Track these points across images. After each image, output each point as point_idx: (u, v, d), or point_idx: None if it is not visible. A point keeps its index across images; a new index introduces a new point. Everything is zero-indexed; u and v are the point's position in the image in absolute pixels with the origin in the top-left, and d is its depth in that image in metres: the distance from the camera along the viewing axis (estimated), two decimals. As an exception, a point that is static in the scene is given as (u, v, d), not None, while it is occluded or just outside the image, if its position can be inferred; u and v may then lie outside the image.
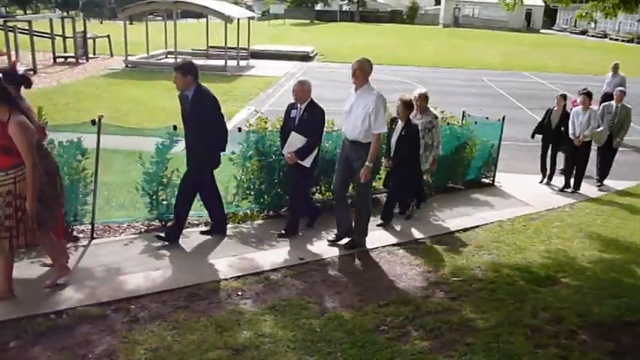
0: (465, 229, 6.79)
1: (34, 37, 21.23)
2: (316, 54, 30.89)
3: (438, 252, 6.01)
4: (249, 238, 6.04)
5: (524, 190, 8.87)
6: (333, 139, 6.90)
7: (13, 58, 19.87)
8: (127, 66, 22.74)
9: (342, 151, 5.94)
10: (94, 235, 5.73)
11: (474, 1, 67.48)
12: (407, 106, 6.70)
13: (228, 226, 6.23)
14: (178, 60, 22.23)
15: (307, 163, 5.97)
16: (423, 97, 7.16)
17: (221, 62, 23.01)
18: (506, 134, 9.25)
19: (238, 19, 24.57)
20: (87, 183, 5.67)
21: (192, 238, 5.89)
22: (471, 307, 4.68)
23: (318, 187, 7.11)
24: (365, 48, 34.28)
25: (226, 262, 5.36)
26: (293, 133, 5.93)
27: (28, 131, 4.14)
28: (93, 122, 5.64)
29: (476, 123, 8.80)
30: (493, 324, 4.39)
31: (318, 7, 76.89)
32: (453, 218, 7.21)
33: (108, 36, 26.58)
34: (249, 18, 27.16)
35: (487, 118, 9.36)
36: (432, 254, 5.93)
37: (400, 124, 6.72)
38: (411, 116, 6.83)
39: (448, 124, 8.32)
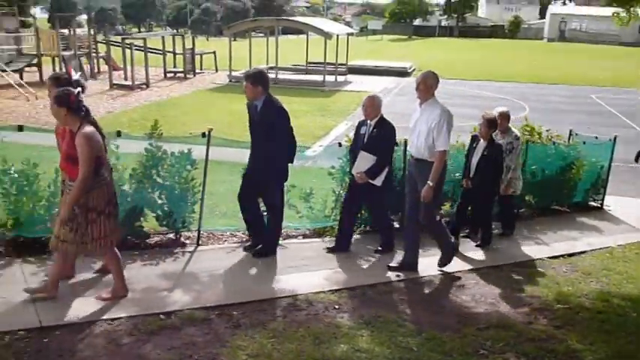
0: (571, 254, 6.46)
1: (148, 53, 22.71)
2: (414, 70, 30.71)
3: (542, 276, 5.76)
4: (345, 252, 6.09)
5: (636, 215, 8.30)
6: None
7: (124, 73, 21.38)
8: (230, 81, 23.76)
9: (409, 171, 5.74)
10: (200, 242, 6.02)
11: (581, 14, 64.48)
12: (490, 124, 6.33)
13: (325, 238, 6.33)
14: (280, 77, 23.11)
15: (378, 182, 5.78)
16: (505, 116, 6.72)
17: (319, 77, 23.48)
18: (617, 155, 8.73)
19: (337, 36, 24.98)
20: (195, 192, 5.98)
21: (290, 248, 6.03)
22: (578, 337, 4.45)
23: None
24: (464, 63, 33.65)
25: (323, 274, 5.45)
26: (362, 152, 5.76)
27: (92, 143, 4.19)
28: (203, 135, 5.94)
29: (584, 143, 8.37)
30: (602, 357, 4.15)
31: (417, 22, 76.50)
32: (558, 242, 6.89)
33: (214, 52, 27.96)
34: (348, 34, 27.51)
35: (596, 137, 8.88)
36: (535, 278, 5.69)
37: (482, 143, 6.36)
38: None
39: (554, 143, 7.99)
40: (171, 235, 6.01)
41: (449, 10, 75.43)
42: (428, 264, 5.79)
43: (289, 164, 5.78)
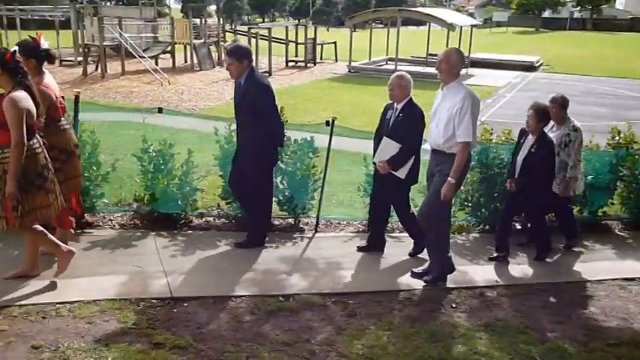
0: None
1: (272, 42, 23.42)
2: (541, 64, 29.11)
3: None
4: (463, 250, 5.91)
5: None
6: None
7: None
8: (349, 71, 23.92)
9: (429, 165, 5.08)
10: (317, 229, 6.13)
11: None
12: (540, 114, 5.44)
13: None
14: (398, 68, 22.87)
15: (402, 174, 5.19)
16: (559, 105, 5.81)
17: (439, 70, 22.94)
18: None
19: (461, 27, 24.26)
20: (315, 180, 6.08)
21: (406, 242, 5.96)
22: None
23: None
24: (596, 59, 31.38)
25: (440, 271, 5.32)
26: (385, 138, 5.19)
27: (17, 107, 3.90)
28: (327, 123, 6.02)
29: None
30: None
31: (546, 14, 72.36)
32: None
33: (334, 42, 28.25)
34: (472, 26, 26.62)
35: None
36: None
37: (531, 138, 5.54)
38: (546, 129, 5.61)
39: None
40: (291, 220, 6.16)
41: (583, 2, 70.52)
42: (554, 269, 5.47)
43: (277, 147, 5.45)
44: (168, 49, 23.64)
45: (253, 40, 22.37)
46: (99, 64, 20.90)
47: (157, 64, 21.74)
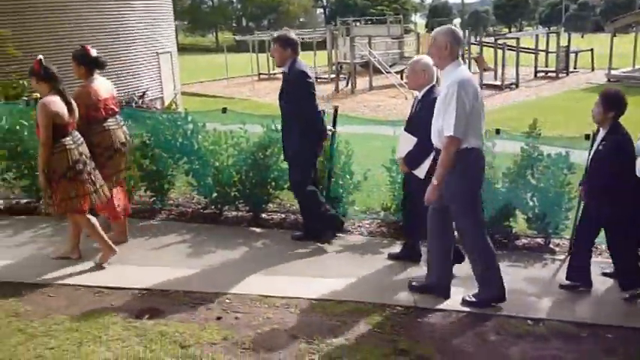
0: None
1: (520, 53, 22.40)
2: None
3: None
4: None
5: None
6: None
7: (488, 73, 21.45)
8: (608, 80, 21.66)
9: None
10: (571, 252, 5.63)
11: None
12: (609, 103, 4.35)
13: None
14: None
15: (420, 173, 4.58)
16: None
17: None
18: None
19: None
20: (571, 197, 5.60)
21: None
22: None
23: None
24: None
25: None
26: (403, 132, 4.71)
27: (44, 111, 4.48)
28: (587, 137, 5.50)
29: None
30: None
31: None
32: None
33: (591, 49, 25.87)
34: None
35: None
36: None
37: (601, 132, 4.48)
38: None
39: None
40: (540, 240, 5.78)
41: None
42: None
43: (315, 139, 5.25)
44: (413, 63, 24.19)
45: (500, 52, 21.68)
46: (349, 80, 22.39)
47: (402, 78, 22.45)
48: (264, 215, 6.17)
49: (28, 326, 3.97)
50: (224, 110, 6.23)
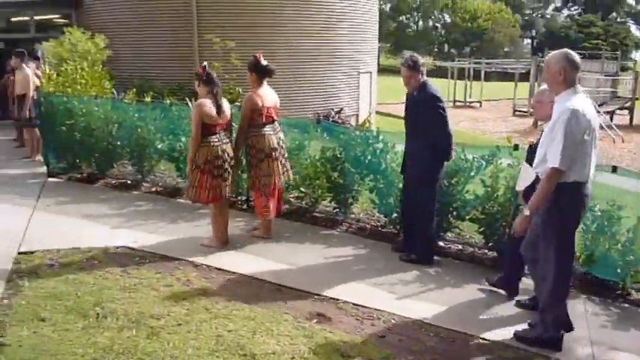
0: None
1: None
2: None
3: None
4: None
5: None
6: None
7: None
8: None
9: None
10: None
11: None
12: None
13: None
14: None
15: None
16: None
17: None
18: None
19: None
20: None
21: None
22: None
23: None
24: None
25: None
26: (523, 163, 4.54)
27: (196, 111, 5.21)
28: None
29: None
30: None
31: None
32: None
33: None
34: None
35: None
36: None
37: None
38: None
39: None
40: None
41: None
42: None
43: (442, 162, 5.40)
44: (627, 104, 22.05)
45: None
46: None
47: (611, 119, 20.55)
48: (441, 243, 6.08)
49: (213, 307, 4.41)
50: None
